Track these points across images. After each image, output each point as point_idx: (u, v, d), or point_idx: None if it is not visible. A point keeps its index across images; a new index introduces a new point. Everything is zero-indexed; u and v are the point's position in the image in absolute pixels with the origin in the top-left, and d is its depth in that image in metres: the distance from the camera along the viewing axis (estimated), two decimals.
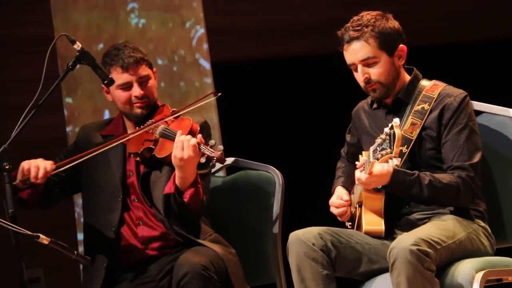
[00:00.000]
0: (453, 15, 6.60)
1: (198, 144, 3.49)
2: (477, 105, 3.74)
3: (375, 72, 3.56)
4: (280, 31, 6.38)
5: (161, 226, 3.69)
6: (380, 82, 3.57)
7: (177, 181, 3.58)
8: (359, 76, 3.58)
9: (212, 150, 3.47)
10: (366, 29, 3.53)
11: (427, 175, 3.42)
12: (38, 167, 3.59)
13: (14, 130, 3.39)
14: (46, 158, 3.66)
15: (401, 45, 3.59)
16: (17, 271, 3.21)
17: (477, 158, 3.49)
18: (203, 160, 3.47)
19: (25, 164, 3.61)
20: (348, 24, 3.59)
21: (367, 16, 3.58)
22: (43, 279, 5.73)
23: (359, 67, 3.56)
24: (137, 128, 3.76)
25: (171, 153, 3.55)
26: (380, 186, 3.44)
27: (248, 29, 6.34)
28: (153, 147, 3.63)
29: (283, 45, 6.38)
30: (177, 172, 3.56)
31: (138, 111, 3.77)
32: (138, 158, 3.69)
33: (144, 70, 3.77)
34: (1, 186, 3.34)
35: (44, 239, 3.24)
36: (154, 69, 3.84)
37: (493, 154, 3.67)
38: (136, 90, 3.74)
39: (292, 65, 6.38)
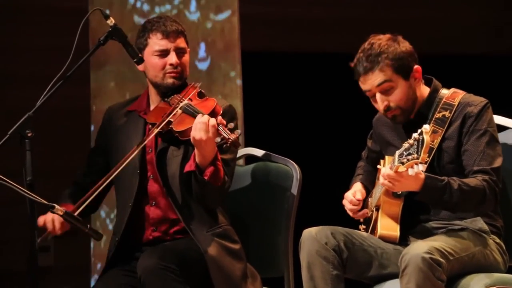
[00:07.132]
0: (483, 24, 6.57)
1: (217, 125, 3.50)
2: (503, 121, 3.71)
3: (393, 99, 3.52)
4: (312, 25, 6.37)
5: (173, 209, 3.68)
6: (400, 108, 3.53)
7: (197, 159, 3.57)
8: (379, 104, 3.54)
9: (229, 133, 3.47)
10: (379, 58, 3.48)
11: (455, 180, 3.39)
12: (53, 219, 3.60)
13: (40, 99, 3.40)
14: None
15: (415, 66, 3.55)
16: (30, 239, 3.22)
17: (498, 163, 3.46)
18: (218, 140, 3.48)
19: (40, 221, 3.61)
20: (360, 55, 3.53)
21: (378, 42, 3.51)
22: (53, 249, 5.76)
23: (378, 95, 3.52)
24: (162, 101, 3.77)
25: (188, 129, 3.56)
26: (407, 191, 3.42)
27: (281, 21, 6.33)
28: (171, 120, 3.64)
29: (314, 39, 6.37)
30: (196, 151, 3.57)
31: (170, 81, 3.76)
32: (155, 129, 3.69)
33: (183, 43, 3.79)
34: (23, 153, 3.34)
35: (59, 210, 3.27)
36: (189, 49, 3.84)
37: None
38: (173, 58, 3.74)
39: (321, 60, 6.36)
